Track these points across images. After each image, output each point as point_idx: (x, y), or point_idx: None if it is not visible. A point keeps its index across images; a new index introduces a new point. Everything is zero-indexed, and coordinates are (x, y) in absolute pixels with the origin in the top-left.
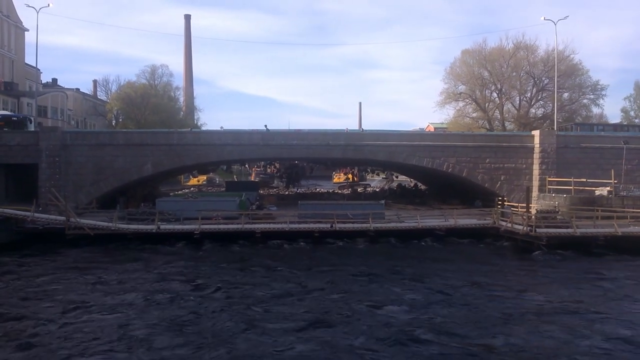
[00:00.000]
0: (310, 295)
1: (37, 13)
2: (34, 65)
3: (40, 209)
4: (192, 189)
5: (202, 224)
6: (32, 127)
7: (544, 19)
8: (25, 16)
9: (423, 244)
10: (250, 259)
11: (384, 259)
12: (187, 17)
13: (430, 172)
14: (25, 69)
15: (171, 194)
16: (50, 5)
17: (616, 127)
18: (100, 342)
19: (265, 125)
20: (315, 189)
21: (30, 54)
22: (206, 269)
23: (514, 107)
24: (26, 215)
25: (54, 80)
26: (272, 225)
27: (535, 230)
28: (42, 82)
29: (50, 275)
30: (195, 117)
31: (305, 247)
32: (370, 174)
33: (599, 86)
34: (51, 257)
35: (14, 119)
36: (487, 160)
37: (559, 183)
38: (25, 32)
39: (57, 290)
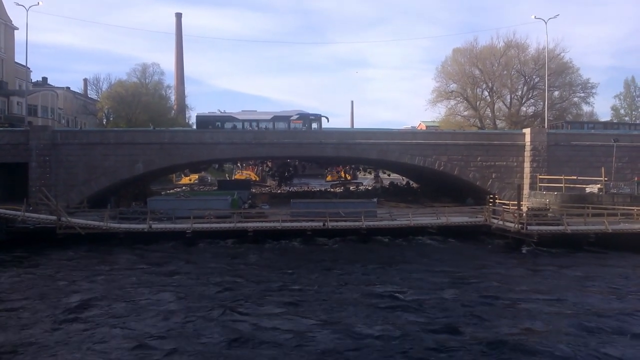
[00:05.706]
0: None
1: (27, 11)
2: (24, 64)
3: (31, 208)
4: (184, 187)
5: (194, 223)
6: (325, 124)
7: (535, 17)
8: (15, 15)
9: (415, 241)
10: (242, 257)
11: (374, 257)
12: (178, 16)
13: (422, 170)
14: (15, 67)
15: (163, 192)
16: (40, 3)
17: (606, 125)
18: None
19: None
20: (308, 188)
21: (20, 52)
22: (198, 269)
23: (505, 105)
24: (16, 214)
25: (44, 79)
26: (264, 224)
27: (526, 228)
28: (32, 80)
29: (39, 275)
30: (187, 115)
31: (297, 246)
32: (363, 173)
33: (589, 84)
34: (41, 256)
35: (312, 117)
36: (479, 158)
37: (549, 181)
38: (15, 31)
39: (45, 290)
